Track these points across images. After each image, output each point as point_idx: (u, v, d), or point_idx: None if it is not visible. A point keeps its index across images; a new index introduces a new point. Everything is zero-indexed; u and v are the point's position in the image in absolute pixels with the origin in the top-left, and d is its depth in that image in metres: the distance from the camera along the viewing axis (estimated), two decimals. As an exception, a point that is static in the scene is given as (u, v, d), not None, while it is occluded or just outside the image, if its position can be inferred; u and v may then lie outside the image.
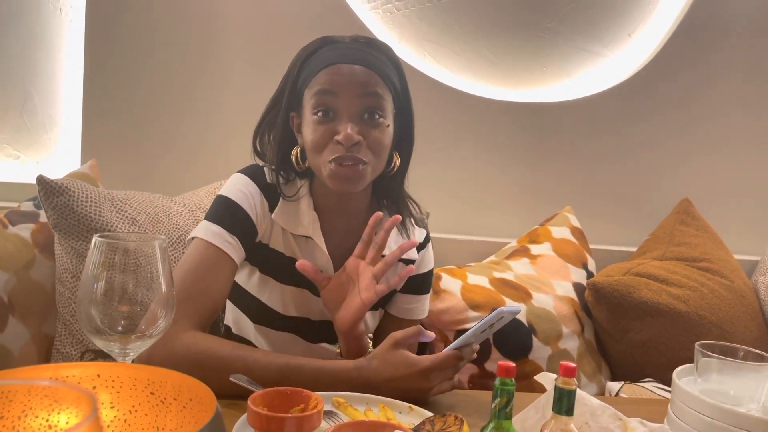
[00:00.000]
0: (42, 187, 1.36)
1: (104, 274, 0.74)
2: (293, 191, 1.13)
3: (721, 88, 2.11)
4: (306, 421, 0.72)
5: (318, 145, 1.05)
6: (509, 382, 0.69)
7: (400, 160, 1.14)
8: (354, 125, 1.03)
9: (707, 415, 0.86)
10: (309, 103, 1.06)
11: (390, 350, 0.99)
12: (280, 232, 1.13)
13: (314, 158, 1.07)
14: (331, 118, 1.05)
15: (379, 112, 1.06)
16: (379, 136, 1.06)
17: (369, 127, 1.05)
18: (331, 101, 1.04)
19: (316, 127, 1.05)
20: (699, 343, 0.91)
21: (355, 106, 1.04)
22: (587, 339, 1.68)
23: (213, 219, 1.07)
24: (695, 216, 1.94)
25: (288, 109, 1.11)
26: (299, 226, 1.12)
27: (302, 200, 1.13)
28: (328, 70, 1.04)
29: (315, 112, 1.05)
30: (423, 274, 1.25)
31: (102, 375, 0.60)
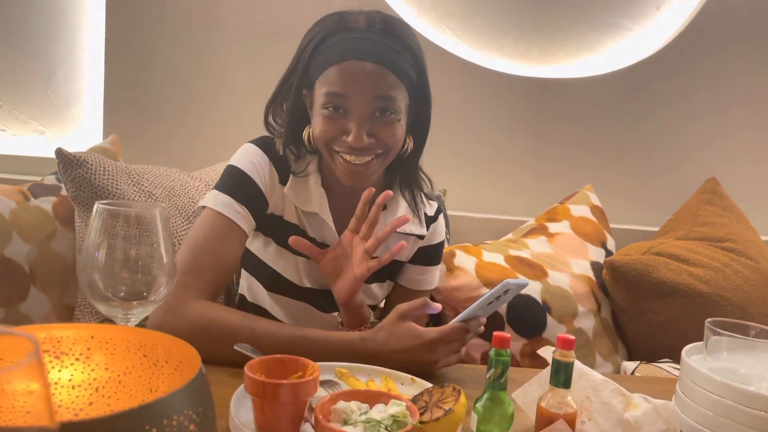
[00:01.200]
0: (61, 159, 1.39)
1: (106, 241, 0.75)
2: (302, 167, 1.13)
3: (754, 65, 2.04)
4: (301, 388, 0.72)
5: (326, 139, 1.04)
6: (504, 352, 0.68)
7: (413, 144, 1.12)
8: (364, 125, 1.01)
9: (715, 393, 0.84)
10: (319, 97, 1.04)
11: (396, 322, 0.99)
12: (293, 205, 1.13)
13: (323, 149, 1.07)
14: (340, 115, 1.03)
15: (391, 110, 1.03)
16: (391, 133, 1.04)
17: (380, 125, 1.03)
18: (340, 101, 1.02)
19: (325, 120, 1.04)
20: (709, 320, 0.89)
21: (366, 108, 1.01)
22: (604, 318, 1.65)
23: (222, 189, 1.08)
24: (722, 195, 1.88)
25: (300, 86, 1.09)
26: (307, 203, 1.12)
27: (311, 177, 1.13)
28: (339, 67, 1.01)
29: (325, 107, 1.03)
30: (433, 246, 1.24)
31: (96, 336, 0.61)
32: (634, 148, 2.06)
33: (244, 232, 1.08)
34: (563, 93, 2.02)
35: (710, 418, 0.84)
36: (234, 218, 1.06)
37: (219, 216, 1.06)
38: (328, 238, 1.14)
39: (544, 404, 0.71)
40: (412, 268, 1.23)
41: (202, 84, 1.95)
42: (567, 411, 0.70)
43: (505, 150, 2.04)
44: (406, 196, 1.18)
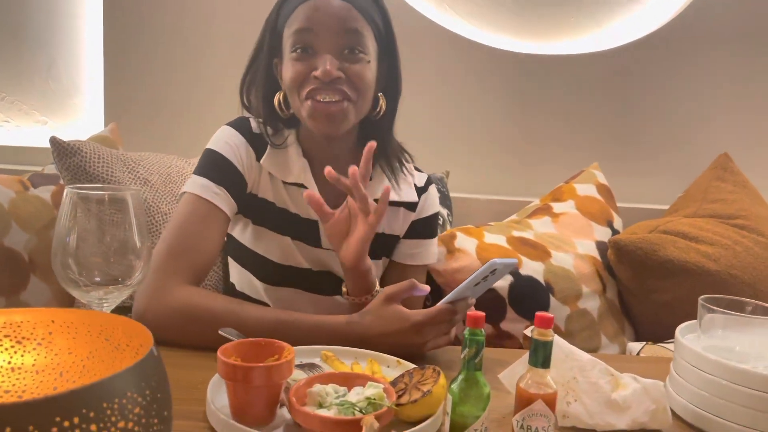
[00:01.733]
0: (55, 148, 1.39)
1: (77, 225, 0.74)
2: (280, 140, 1.12)
3: (760, 37, 1.96)
4: (274, 371, 0.71)
5: (296, 82, 1.03)
6: (479, 332, 0.66)
7: (386, 104, 1.11)
8: (333, 60, 1.01)
9: (710, 372, 0.81)
10: (288, 43, 1.04)
11: (383, 305, 0.97)
12: (268, 181, 1.12)
13: (294, 98, 1.06)
14: (309, 54, 1.03)
15: (359, 48, 1.03)
16: (360, 71, 1.03)
17: (349, 62, 1.03)
18: (309, 38, 1.02)
19: (294, 63, 1.03)
20: (703, 297, 0.86)
21: (333, 43, 1.02)
22: (609, 299, 1.62)
23: (200, 172, 1.08)
24: (734, 171, 1.83)
25: (270, 55, 1.10)
26: (290, 174, 1.11)
27: (290, 148, 1.12)
28: (305, 6, 1.02)
29: (293, 50, 1.03)
30: (425, 218, 1.22)
31: (56, 321, 0.60)
32: (643, 125, 2.01)
33: (225, 214, 1.07)
34: (569, 70, 1.97)
35: (705, 398, 0.81)
36: (213, 200, 1.05)
37: (198, 199, 1.05)
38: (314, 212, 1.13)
39: (523, 384, 0.69)
40: (407, 243, 1.21)
41: (203, 71, 1.94)
42: (546, 391, 0.68)
43: (510, 130, 2.00)
44: (385, 168, 1.16)
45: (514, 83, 1.98)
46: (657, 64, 1.97)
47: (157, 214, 1.43)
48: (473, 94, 1.98)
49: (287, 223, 1.12)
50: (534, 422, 0.67)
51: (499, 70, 1.96)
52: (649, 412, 0.78)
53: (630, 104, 2.00)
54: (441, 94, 1.97)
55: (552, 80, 1.98)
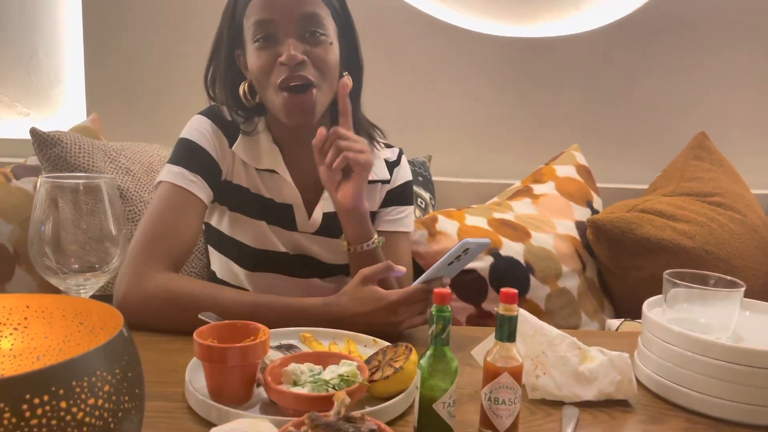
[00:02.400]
0: (35, 139, 1.39)
1: (52, 214, 0.75)
2: (251, 127, 1.14)
3: (738, 17, 1.98)
4: (250, 351, 0.73)
5: (263, 71, 1.04)
6: (445, 308, 0.68)
7: (352, 82, 1.13)
8: (296, 45, 1.02)
9: (671, 342, 0.84)
10: (249, 33, 1.05)
11: (358, 286, 0.99)
12: (241, 167, 1.13)
13: (263, 88, 1.07)
14: (272, 42, 1.04)
15: (319, 30, 1.04)
16: (323, 54, 1.05)
17: (311, 45, 1.04)
18: (269, 27, 1.03)
19: (258, 53, 1.04)
20: (668, 272, 0.89)
21: (294, 28, 1.03)
22: (589, 277, 1.65)
23: (174, 161, 1.09)
24: (711, 150, 1.85)
25: (231, 46, 1.10)
26: (261, 160, 1.13)
27: (261, 135, 1.14)
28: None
29: (255, 40, 1.04)
30: (400, 186, 1.25)
31: (31, 306, 0.62)
32: (622, 106, 2.03)
33: (201, 200, 1.08)
34: (548, 53, 1.99)
35: (669, 368, 0.84)
36: (188, 187, 1.07)
37: (173, 187, 1.06)
38: (287, 196, 1.15)
39: (490, 358, 0.71)
40: (384, 211, 1.23)
41: (184, 60, 1.94)
42: (512, 364, 0.70)
43: (491, 113, 2.02)
44: None
45: (494, 66, 1.99)
46: (635, 46, 1.99)
47: (138, 203, 1.44)
48: (454, 78, 1.99)
49: (262, 209, 1.14)
50: (501, 394, 0.70)
51: (479, 54, 1.97)
52: (615, 383, 0.81)
53: (608, 86, 2.02)
54: (421, 79, 1.98)
55: (532, 63, 1.99)
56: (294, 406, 0.69)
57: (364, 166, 1.03)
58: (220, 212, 1.17)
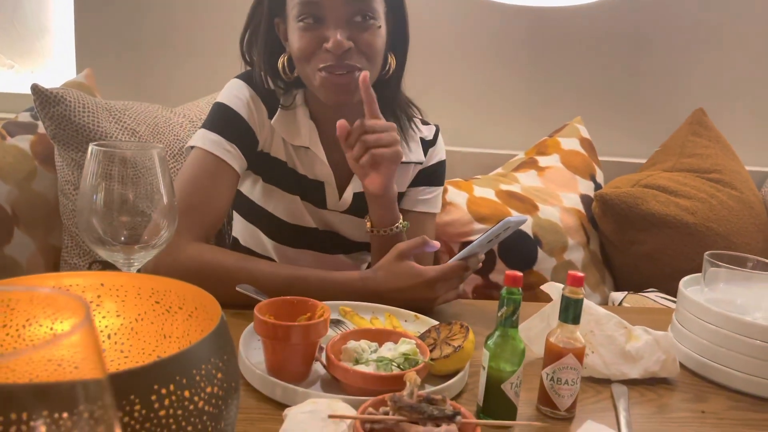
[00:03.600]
0: (37, 96, 1.33)
1: (103, 184, 0.72)
2: (290, 100, 1.09)
3: None
4: (312, 329, 0.72)
5: (305, 54, 0.99)
6: (516, 291, 0.68)
7: (395, 62, 1.09)
8: (343, 31, 0.97)
9: (712, 323, 0.86)
10: (293, 11, 0.99)
11: (395, 261, 0.99)
12: (281, 141, 1.10)
13: (303, 67, 1.02)
14: (317, 24, 0.98)
15: (369, 14, 0.99)
16: (371, 39, 1.00)
17: (359, 30, 0.99)
18: (316, 9, 0.97)
19: (302, 34, 0.99)
20: (708, 253, 0.91)
21: (343, 10, 0.97)
22: (592, 250, 1.68)
23: (210, 127, 1.04)
24: (708, 126, 1.89)
25: (271, 15, 1.05)
26: (297, 136, 1.09)
27: (298, 109, 1.10)
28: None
29: (300, 19, 0.98)
30: (433, 166, 1.23)
31: (106, 284, 0.59)
32: (624, 80, 2.04)
33: (236, 171, 1.05)
34: (553, 24, 1.97)
35: (707, 347, 0.87)
36: (224, 157, 1.03)
37: (208, 155, 1.02)
38: (320, 174, 1.12)
39: (553, 339, 0.72)
40: (413, 190, 1.20)
41: (180, 11, 1.85)
42: (575, 346, 0.71)
43: (495, 83, 2.00)
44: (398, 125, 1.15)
45: (499, 37, 1.96)
46: (636, 20, 1.99)
47: (147, 166, 1.39)
48: (459, 48, 1.96)
49: (296, 184, 1.11)
50: (564, 375, 0.71)
51: (484, 24, 1.95)
52: (659, 362, 0.83)
53: (611, 60, 2.02)
54: (427, 49, 1.95)
55: (536, 33, 1.97)
56: (361, 384, 0.69)
57: (392, 160, 0.99)
58: (253, 180, 1.14)
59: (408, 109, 1.17)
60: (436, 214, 1.25)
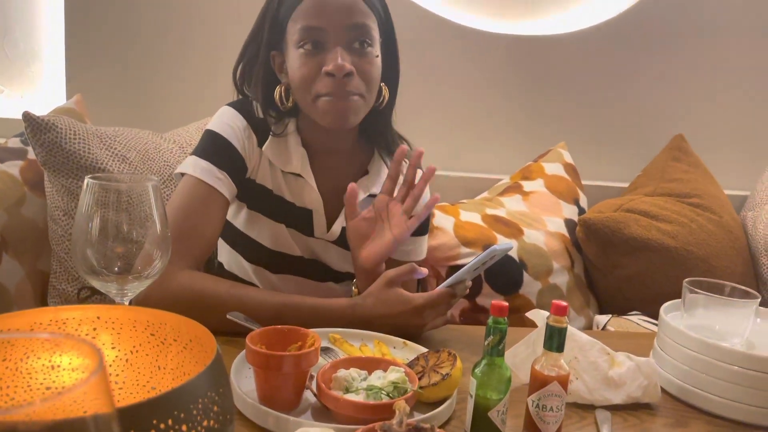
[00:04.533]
0: (29, 124, 1.34)
1: (98, 215, 0.73)
2: (281, 128, 1.11)
3: (717, 24, 2.06)
4: (303, 359, 0.74)
5: (307, 80, 1.02)
6: (502, 320, 0.70)
7: (389, 93, 1.12)
8: (344, 55, 1.00)
9: (692, 349, 0.88)
10: (293, 37, 1.02)
11: (384, 288, 1.00)
12: (267, 168, 1.12)
13: (303, 95, 1.04)
14: (319, 50, 1.01)
15: (367, 41, 1.03)
16: (369, 68, 1.03)
17: (359, 57, 1.02)
18: (317, 34, 1.01)
19: (304, 61, 1.02)
20: (687, 280, 0.93)
21: (343, 37, 1.01)
22: (576, 274, 1.71)
23: (201, 154, 1.06)
24: (688, 152, 1.93)
25: (269, 47, 1.07)
26: (289, 163, 1.11)
27: (290, 137, 1.12)
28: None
29: (301, 45, 1.01)
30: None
31: (102, 317, 0.60)
32: (605, 106, 2.09)
33: (226, 198, 1.06)
34: (537, 51, 2.02)
35: (687, 372, 0.89)
36: (215, 185, 1.04)
37: (200, 183, 1.04)
38: (309, 202, 1.14)
39: (538, 367, 0.74)
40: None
41: (169, 37, 1.88)
42: (560, 373, 0.73)
43: (479, 108, 2.04)
44: (385, 158, 1.18)
45: (483, 63, 2.01)
46: (619, 49, 2.04)
47: (137, 192, 1.40)
48: (444, 75, 2.00)
49: (283, 211, 1.12)
50: (549, 401, 0.73)
51: (470, 51, 1.99)
52: (642, 388, 0.85)
53: (592, 86, 2.07)
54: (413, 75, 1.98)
55: (521, 60, 2.02)
56: (351, 413, 0.71)
57: (408, 228, 1.04)
58: (237, 207, 1.15)
59: (399, 142, 1.19)
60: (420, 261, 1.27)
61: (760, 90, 2.14)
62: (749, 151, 2.17)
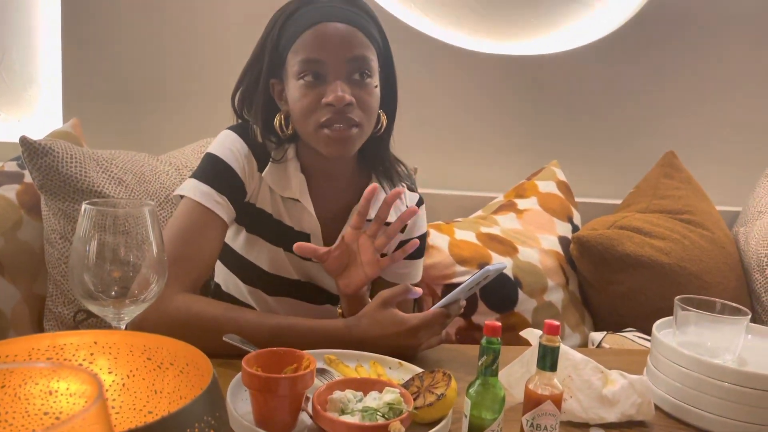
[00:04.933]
0: (26, 148, 1.35)
1: (95, 240, 0.74)
2: (281, 154, 1.12)
3: (709, 43, 2.10)
4: (299, 381, 0.74)
5: (307, 111, 1.04)
6: (495, 341, 0.71)
7: (386, 120, 1.14)
8: (344, 86, 1.02)
9: (684, 366, 0.89)
10: (293, 68, 1.04)
11: (379, 309, 1.01)
12: (267, 192, 1.13)
13: (303, 124, 1.06)
14: (319, 82, 1.03)
15: (367, 72, 1.04)
16: (369, 98, 1.05)
17: (358, 88, 1.04)
18: (318, 67, 1.02)
19: (305, 92, 1.03)
20: (678, 298, 0.94)
21: (343, 68, 1.02)
22: (571, 291, 1.72)
23: (201, 178, 1.07)
24: (679, 168, 1.96)
25: (268, 75, 1.09)
26: (287, 188, 1.12)
27: (290, 163, 1.13)
28: (312, 31, 1.02)
29: (301, 77, 1.03)
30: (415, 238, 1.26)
31: (99, 342, 0.61)
32: (597, 123, 2.12)
33: (224, 222, 1.07)
34: (528, 70, 2.05)
35: (680, 389, 0.90)
36: (214, 208, 1.05)
37: (198, 206, 1.05)
38: (307, 226, 1.15)
39: (532, 386, 0.74)
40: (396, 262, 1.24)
41: (166, 61, 1.90)
42: (553, 392, 0.74)
43: (473, 126, 2.07)
44: (386, 186, 1.19)
45: (476, 82, 2.03)
46: (609, 67, 2.08)
47: (133, 215, 1.41)
48: (438, 92, 2.02)
49: (281, 235, 1.13)
50: (543, 420, 0.73)
51: (463, 69, 2.02)
52: (636, 405, 0.86)
53: (584, 105, 2.10)
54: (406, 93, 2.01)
55: (513, 79, 2.05)
56: (347, 435, 0.71)
57: (381, 268, 1.05)
58: (236, 230, 1.16)
59: (397, 167, 1.20)
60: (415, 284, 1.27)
61: (750, 105, 2.17)
62: (740, 166, 2.19)
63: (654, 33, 2.07)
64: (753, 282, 1.78)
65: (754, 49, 2.14)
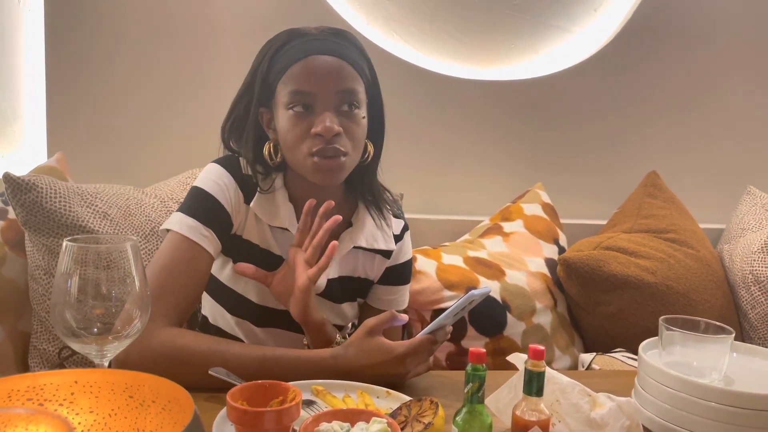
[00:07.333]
0: (9, 184, 1.34)
1: (76, 277, 0.74)
2: (268, 184, 1.13)
3: (686, 63, 2.15)
4: (285, 414, 0.74)
5: (296, 141, 1.05)
6: (480, 367, 0.71)
7: (373, 150, 1.15)
8: (333, 117, 1.03)
9: (671, 386, 0.89)
10: (283, 99, 1.06)
11: (365, 338, 1.01)
12: (254, 223, 1.13)
13: (293, 154, 1.07)
14: (308, 113, 1.05)
15: (355, 104, 1.06)
16: (356, 129, 1.07)
17: (346, 119, 1.06)
18: (307, 98, 1.04)
19: (295, 122, 1.05)
20: (663, 318, 0.95)
21: (332, 100, 1.04)
22: (560, 313, 1.72)
23: (188, 211, 1.07)
24: (662, 188, 1.98)
25: (258, 104, 1.11)
26: (276, 218, 1.13)
27: (278, 192, 1.14)
28: (302, 63, 1.04)
29: (291, 107, 1.05)
30: (401, 265, 1.26)
31: (79, 381, 0.61)
32: (580, 145, 2.14)
33: (211, 255, 1.07)
34: (511, 94, 2.08)
35: (667, 410, 0.90)
36: (200, 242, 1.05)
37: (185, 240, 1.05)
38: None
39: (519, 412, 0.74)
40: (381, 289, 1.25)
41: (149, 97, 1.91)
42: (540, 417, 0.74)
43: (457, 151, 2.08)
44: (373, 213, 1.20)
45: (460, 108, 2.06)
46: (589, 90, 2.11)
47: (118, 249, 1.41)
48: (422, 119, 2.04)
49: (269, 265, 1.13)
50: (531, 447, 0.73)
51: (446, 96, 2.04)
52: (624, 428, 0.85)
53: (567, 126, 2.13)
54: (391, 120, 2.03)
55: (496, 104, 2.08)
56: (334, 467, 0.70)
57: (309, 278, 1.03)
58: (223, 262, 1.16)
59: (383, 195, 1.21)
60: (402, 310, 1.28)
61: (730, 123, 2.21)
62: (722, 184, 2.22)
63: (635, 54, 2.11)
64: (739, 299, 1.80)
65: (737, 68, 2.18)
